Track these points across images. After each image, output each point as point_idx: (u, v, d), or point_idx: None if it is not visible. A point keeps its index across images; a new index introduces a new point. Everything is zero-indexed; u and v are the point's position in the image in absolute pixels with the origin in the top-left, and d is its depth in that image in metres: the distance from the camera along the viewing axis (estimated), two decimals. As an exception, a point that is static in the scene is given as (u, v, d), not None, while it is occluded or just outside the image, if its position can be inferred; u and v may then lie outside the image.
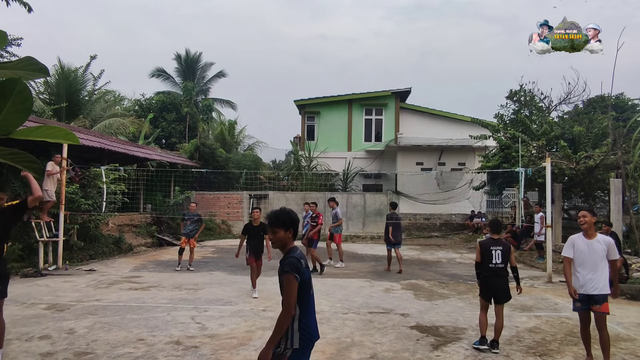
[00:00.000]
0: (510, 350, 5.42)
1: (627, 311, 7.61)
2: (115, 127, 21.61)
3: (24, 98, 1.77)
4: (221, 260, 12.75)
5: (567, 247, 5.01)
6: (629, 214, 12.47)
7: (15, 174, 11.42)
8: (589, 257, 4.83)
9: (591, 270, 4.80)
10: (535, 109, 18.34)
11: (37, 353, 5.01)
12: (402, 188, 21.65)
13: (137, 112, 28.47)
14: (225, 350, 5.20)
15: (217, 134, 27.84)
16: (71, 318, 6.45)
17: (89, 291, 8.39)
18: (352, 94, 24.78)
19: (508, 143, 16.23)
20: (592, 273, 4.79)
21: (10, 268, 9.90)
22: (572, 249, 4.95)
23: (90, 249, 12.57)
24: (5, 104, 1.74)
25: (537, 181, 14.64)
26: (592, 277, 4.79)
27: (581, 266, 4.86)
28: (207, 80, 32.87)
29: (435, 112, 24.45)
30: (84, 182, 13.24)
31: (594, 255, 4.81)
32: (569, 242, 5.02)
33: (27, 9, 12.92)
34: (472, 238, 18.29)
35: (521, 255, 14.14)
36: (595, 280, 4.78)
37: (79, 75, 22.13)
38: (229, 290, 8.62)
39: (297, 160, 23.61)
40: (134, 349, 5.19)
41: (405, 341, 5.63)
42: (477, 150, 21.21)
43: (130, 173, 18.38)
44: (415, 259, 13.79)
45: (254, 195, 21.13)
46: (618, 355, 5.32)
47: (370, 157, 24.28)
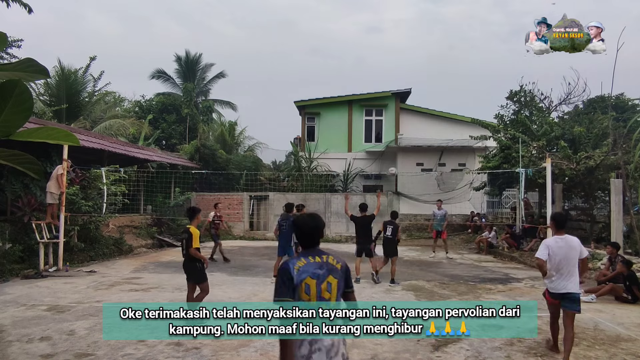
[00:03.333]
0: (511, 350, 5.42)
1: (627, 311, 7.60)
2: (115, 129, 21.63)
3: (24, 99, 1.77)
4: (221, 261, 12.74)
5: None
6: (629, 214, 12.47)
7: (16, 176, 11.44)
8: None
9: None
10: (535, 109, 18.34)
11: (37, 354, 5.02)
12: (402, 189, 21.64)
13: (137, 114, 28.51)
14: (226, 352, 5.21)
15: (217, 135, 27.85)
16: (72, 319, 6.45)
17: (90, 292, 8.39)
18: (352, 95, 24.79)
19: (508, 143, 16.23)
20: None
21: (11, 269, 9.92)
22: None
23: (91, 250, 12.57)
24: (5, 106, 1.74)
25: (537, 182, 14.63)
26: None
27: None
28: (207, 81, 32.92)
29: (436, 112, 24.45)
30: (85, 183, 13.25)
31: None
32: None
33: (27, 10, 12.95)
34: (472, 238, 18.27)
35: (521, 255, 14.13)
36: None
37: (79, 77, 22.17)
38: (230, 292, 8.61)
39: (298, 161, 23.60)
40: (135, 350, 5.19)
41: (405, 342, 5.63)
42: (477, 151, 21.20)
43: (131, 174, 18.40)
44: (416, 260, 13.79)
45: (255, 196, 21.13)
46: (619, 356, 5.31)
47: (371, 158, 24.28)
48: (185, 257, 6.23)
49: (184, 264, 6.29)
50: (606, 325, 6.57)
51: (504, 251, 15.28)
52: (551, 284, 5.16)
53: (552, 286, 5.16)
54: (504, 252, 15.20)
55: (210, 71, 32.75)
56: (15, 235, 10.89)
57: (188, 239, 6.12)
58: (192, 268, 6.20)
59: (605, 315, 7.18)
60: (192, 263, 6.17)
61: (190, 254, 6.13)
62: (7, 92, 1.72)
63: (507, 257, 14.54)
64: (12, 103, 1.74)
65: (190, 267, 6.20)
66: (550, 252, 5.10)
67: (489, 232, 16.38)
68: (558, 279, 5.09)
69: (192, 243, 6.09)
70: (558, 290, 5.11)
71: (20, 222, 11.07)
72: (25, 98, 1.77)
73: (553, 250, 5.10)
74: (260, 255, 14.14)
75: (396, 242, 9.84)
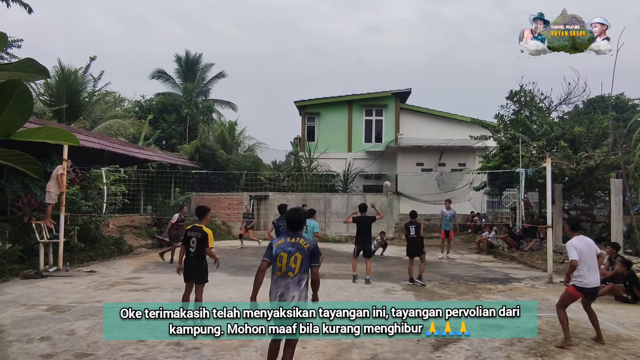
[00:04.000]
0: (511, 350, 5.43)
1: (628, 311, 7.60)
2: (115, 129, 21.63)
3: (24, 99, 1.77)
4: (222, 261, 12.66)
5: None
6: (629, 214, 12.47)
7: (16, 176, 11.43)
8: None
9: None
10: (535, 109, 18.34)
11: (37, 354, 5.02)
12: (402, 189, 21.64)
13: (137, 114, 28.52)
14: (226, 352, 5.21)
15: (217, 135, 27.85)
16: (72, 319, 6.45)
17: (90, 292, 8.39)
18: (352, 95, 24.80)
19: (508, 143, 16.23)
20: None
21: (11, 269, 9.92)
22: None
23: (91, 250, 12.56)
24: (5, 106, 1.74)
25: (537, 182, 14.63)
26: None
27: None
28: (207, 81, 32.92)
29: (436, 112, 24.46)
30: (85, 183, 13.25)
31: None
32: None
33: (27, 10, 12.95)
34: (472, 238, 18.27)
35: (521, 255, 14.14)
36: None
37: (79, 77, 22.17)
38: (230, 292, 8.62)
39: (298, 161, 23.61)
40: (135, 350, 5.19)
41: (405, 342, 5.63)
42: (477, 151, 21.21)
43: (131, 174, 18.39)
44: (416, 260, 13.76)
45: (255, 196, 21.13)
46: (619, 356, 5.31)
47: (371, 158, 24.29)
48: (193, 256, 6.14)
49: (188, 262, 6.17)
50: (606, 325, 6.57)
51: (504, 251, 15.29)
52: (583, 279, 5.56)
53: (586, 282, 5.57)
54: (504, 252, 15.21)
55: (210, 71, 32.81)
56: (15, 235, 10.89)
57: (202, 239, 6.04)
58: (198, 267, 6.13)
59: (605, 315, 7.18)
60: (200, 262, 6.12)
61: (206, 253, 6.08)
62: (7, 92, 1.72)
63: (507, 257, 14.54)
64: (12, 103, 1.74)
65: (196, 266, 6.13)
66: (578, 251, 5.57)
67: (489, 232, 16.38)
68: (589, 274, 5.56)
69: (209, 242, 6.04)
70: (591, 285, 5.59)
71: (20, 222, 11.07)
72: (25, 98, 1.77)
73: (580, 250, 5.57)
74: (260, 255, 14.03)
75: (421, 240, 9.91)
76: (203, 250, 6.06)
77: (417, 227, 9.83)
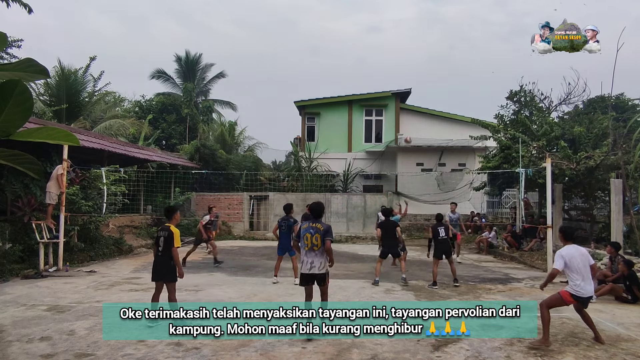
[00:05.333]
0: (510, 350, 5.43)
1: (627, 311, 7.60)
2: (115, 129, 21.64)
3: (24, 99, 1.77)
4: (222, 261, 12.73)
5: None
6: (629, 214, 12.47)
7: (16, 176, 11.43)
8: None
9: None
10: (535, 109, 18.34)
11: (37, 354, 5.02)
12: (402, 189, 21.64)
13: (137, 114, 28.53)
14: (226, 352, 5.21)
15: (217, 135, 27.86)
16: (72, 319, 6.45)
17: (90, 292, 8.39)
18: (352, 95, 24.80)
19: (508, 144, 16.23)
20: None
21: (11, 269, 9.92)
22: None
23: (91, 250, 12.57)
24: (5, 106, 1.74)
25: (537, 182, 14.64)
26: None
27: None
28: (207, 81, 32.93)
29: (436, 112, 24.46)
30: (85, 183, 13.25)
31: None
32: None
33: (27, 10, 12.95)
34: (472, 238, 18.27)
35: (521, 255, 14.14)
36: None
37: (79, 77, 22.17)
38: (230, 292, 8.62)
39: (298, 161, 23.61)
40: (135, 351, 5.19)
41: (405, 342, 5.63)
42: (477, 151, 21.20)
43: (131, 174, 18.39)
44: (416, 260, 13.77)
45: (255, 196, 21.14)
46: (619, 356, 5.32)
47: (371, 158, 24.29)
48: (161, 255, 6.13)
49: (157, 263, 6.16)
50: (606, 325, 6.58)
51: (504, 251, 15.29)
52: (579, 289, 5.64)
53: (582, 291, 5.64)
54: (504, 252, 15.20)
55: (210, 71, 32.81)
56: (15, 235, 10.89)
57: (169, 238, 6.05)
58: (168, 267, 6.12)
59: (605, 315, 7.19)
60: (169, 262, 6.11)
61: (172, 253, 6.08)
62: (7, 92, 1.72)
63: (507, 257, 14.54)
64: (12, 103, 1.74)
65: (166, 266, 6.12)
66: (567, 260, 5.62)
67: (489, 232, 16.37)
68: (584, 283, 5.62)
69: (175, 242, 6.04)
70: (586, 294, 5.65)
71: (20, 222, 11.08)
72: (25, 98, 1.77)
73: (570, 259, 5.62)
74: (260, 255, 14.15)
75: (450, 240, 10.01)
76: (170, 249, 6.07)
77: (445, 228, 9.87)
